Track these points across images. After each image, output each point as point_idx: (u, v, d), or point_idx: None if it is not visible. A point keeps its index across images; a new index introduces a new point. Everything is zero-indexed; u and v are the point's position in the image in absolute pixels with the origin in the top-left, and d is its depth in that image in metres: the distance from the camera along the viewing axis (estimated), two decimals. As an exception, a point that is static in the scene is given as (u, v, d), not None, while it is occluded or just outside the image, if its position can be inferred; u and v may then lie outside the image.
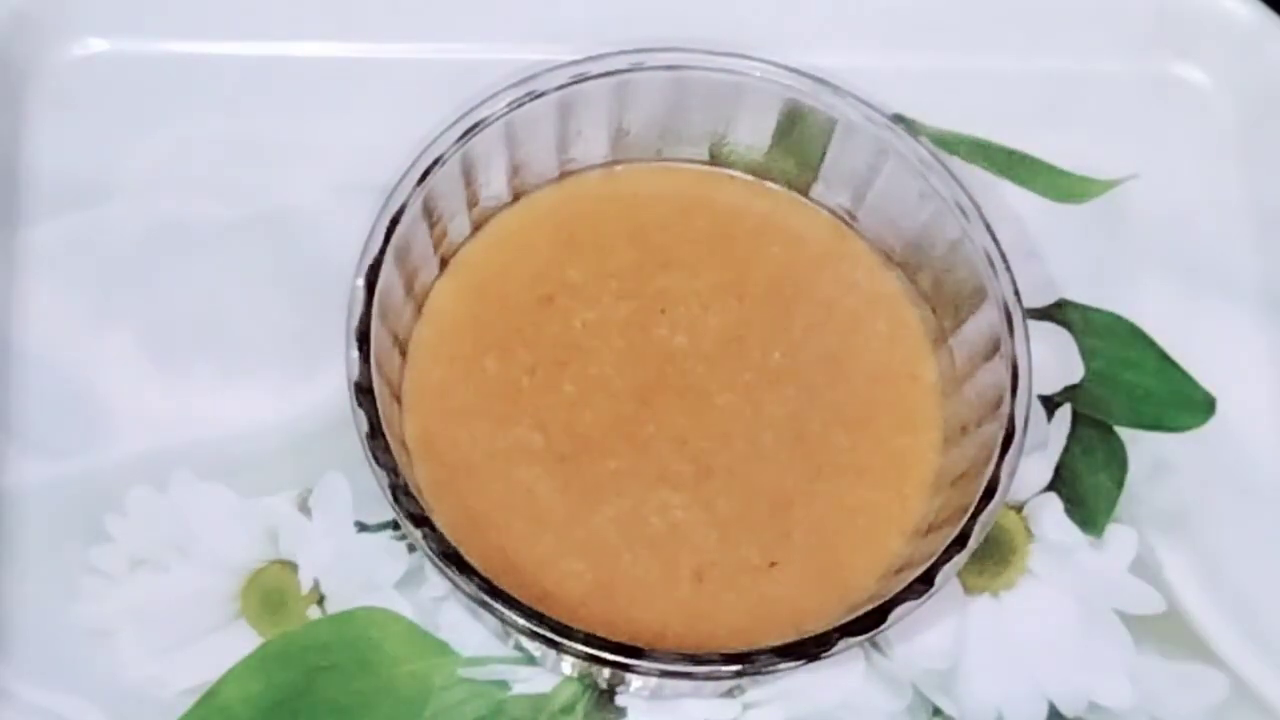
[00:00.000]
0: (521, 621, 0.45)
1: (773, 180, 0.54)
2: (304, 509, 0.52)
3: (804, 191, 0.54)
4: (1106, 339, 0.55)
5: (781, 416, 0.51)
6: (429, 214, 0.50)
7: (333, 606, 0.51)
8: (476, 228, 0.53)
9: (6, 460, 0.52)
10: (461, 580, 0.46)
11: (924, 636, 0.51)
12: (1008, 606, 0.52)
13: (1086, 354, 0.55)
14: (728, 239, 0.53)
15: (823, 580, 0.49)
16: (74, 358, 0.53)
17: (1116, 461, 0.54)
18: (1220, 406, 0.54)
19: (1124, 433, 0.54)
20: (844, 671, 0.51)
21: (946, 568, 0.47)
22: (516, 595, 0.46)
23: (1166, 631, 0.52)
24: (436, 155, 0.50)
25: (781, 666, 0.46)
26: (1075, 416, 0.54)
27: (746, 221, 0.54)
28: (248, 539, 0.52)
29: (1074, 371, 0.55)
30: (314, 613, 0.51)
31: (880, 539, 0.50)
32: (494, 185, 0.52)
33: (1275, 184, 0.57)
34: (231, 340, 0.54)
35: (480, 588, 0.46)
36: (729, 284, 0.52)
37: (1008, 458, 0.48)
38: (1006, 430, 0.48)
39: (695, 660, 0.46)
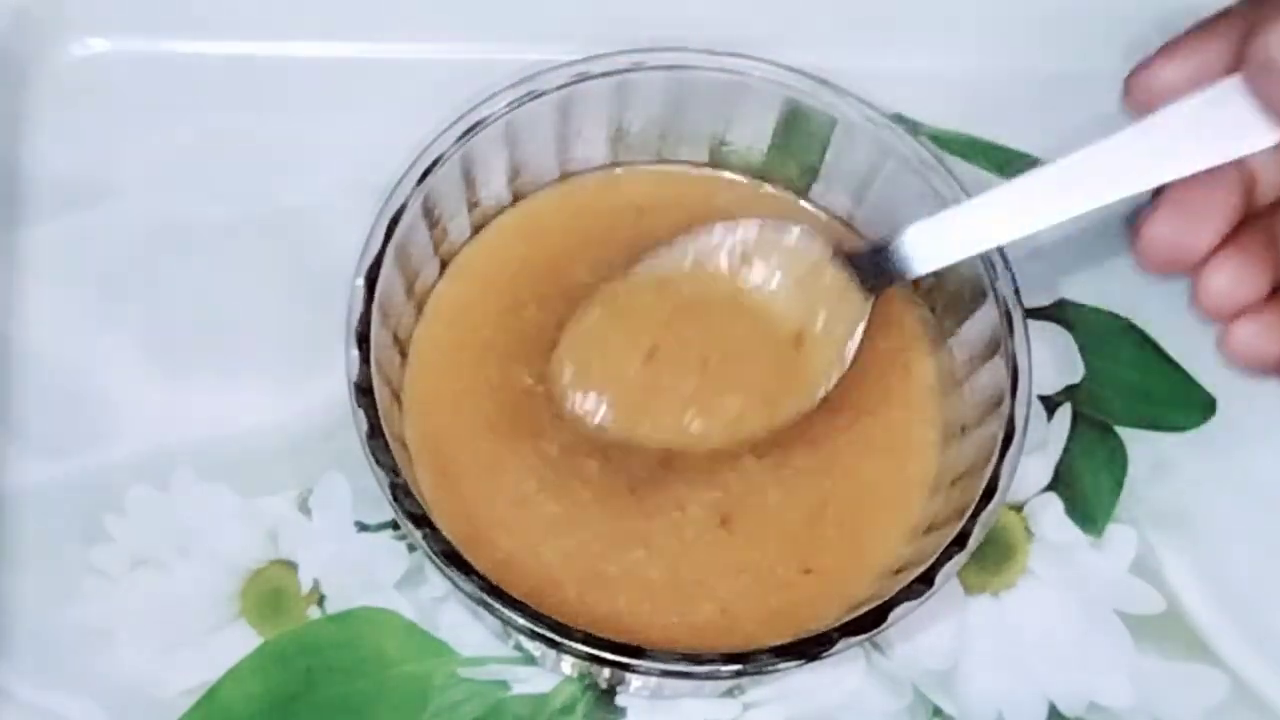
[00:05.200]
0: (521, 621, 0.45)
1: (773, 181, 0.54)
2: (304, 509, 0.52)
3: (804, 192, 0.54)
4: (1106, 339, 0.55)
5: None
6: (429, 214, 0.50)
7: (333, 606, 0.51)
8: (477, 229, 0.53)
9: (6, 460, 0.52)
10: (461, 580, 0.46)
11: (924, 636, 0.51)
12: (1008, 606, 0.52)
13: (1086, 354, 0.55)
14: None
15: (824, 582, 0.50)
16: (74, 358, 0.53)
17: (1116, 461, 0.54)
18: (1220, 406, 0.54)
19: (1124, 433, 0.54)
20: (844, 671, 0.51)
21: (946, 568, 0.47)
22: (516, 595, 0.46)
23: (1166, 631, 0.52)
24: (436, 155, 0.50)
25: (781, 666, 0.46)
26: (1075, 416, 0.54)
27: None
28: (248, 539, 0.52)
29: (1074, 371, 0.55)
30: (314, 613, 0.51)
31: (879, 539, 0.50)
32: (494, 185, 0.52)
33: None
34: (232, 340, 0.54)
35: (480, 587, 0.46)
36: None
37: (1008, 458, 0.48)
38: (1006, 430, 0.48)
39: (695, 660, 0.46)
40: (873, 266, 0.49)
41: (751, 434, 0.49)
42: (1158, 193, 0.47)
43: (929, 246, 0.48)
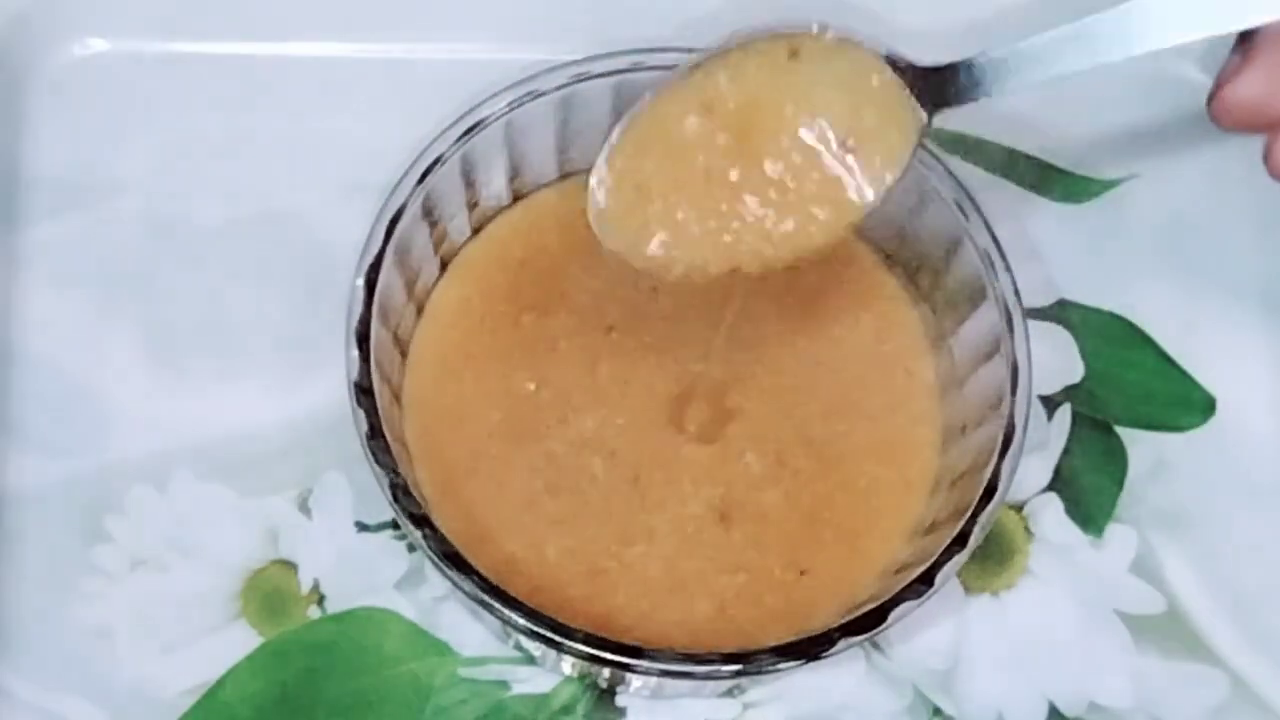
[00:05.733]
0: (521, 621, 0.45)
1: (772, 180, 0.54)
2: (304, 509, 0.52)
3: (804, 191, 0.54)
4: (1106, 339, 0.55)
5: (782, 416, 0.51)
6: (429, 214, 0.50)
7: (333, 606, 0.51)
8: (476, 229, 0.53)
9: (6, 460, 0.52)
10: (461, 580, 0.46)
11: (924, 636, 0.51)
12: (1008, 606, 0.52)
13: (1086, 354, 0.55)
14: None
15: (823, 582, 0.50)
16: (74, 358, 0.53)
17: (1116, 461, 0.54)
18: (1220, 406, 0.54)
19: (1124, 433, 0.54)
20: (844, 671, 0.51)
21: (946, 568, 0.47)
22: (516, 595, 0.46)
23: (1166, 631, 0.52)
24: (436, 155, 0.50)
25: (781, 666, 0.46)
26: (1075, 416, 0.54)
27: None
28: (248, 539, 0.52)
29: (1074, 371, 0.55)
30: (314, 613, 0.51)
31: (880, 539, 0.50)
32: (494, 185, 0.52)
33: (1275, 184, 0.57)
34: (231, 340, 0.54)
35: (480, 587, 0.46)
36: (728, 285, 0.52)
37: (1008, 458, 0.48)
38: (1006, 430, 0.48)
39: (695, 660, 0.46)
40: (936, 83, 0.47)
41: (811, 248, 0.47)
42: (1242, 41, 0.45)
43: (1006, 70, 0.46)
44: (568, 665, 0.50)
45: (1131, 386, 0.55)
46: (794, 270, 0.52)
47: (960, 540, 0.47)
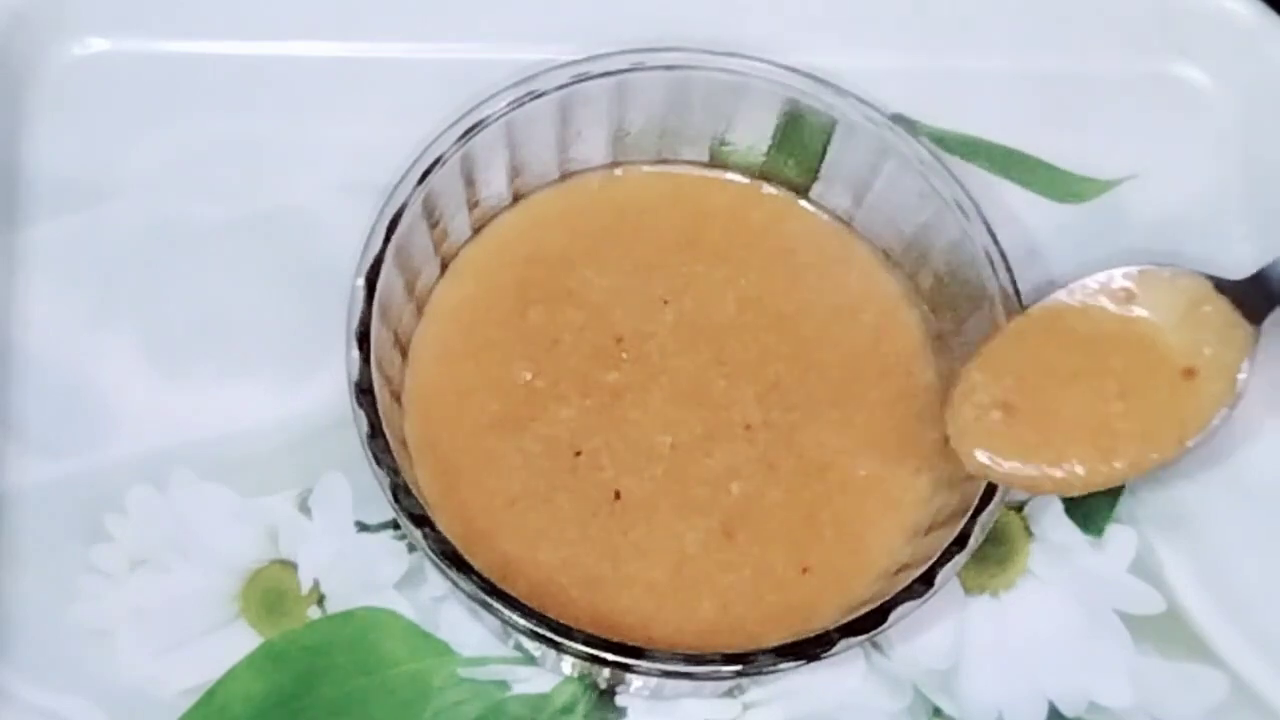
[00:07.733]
0: (521, 621, 0.45)
1: (772, 181, 0.54)
2: (304, 509, 0.52)
3: (804, 192, 0.54)
4: (1106, 339, 0.55)
5: (783, 417, 0.51)
6: (429, 214, 0.50)
7: (333, 606, 0.51)
8: (477, 229, 0.53)
9: (6, 460, 0.52)
10: (461, 580, 0.46)
11: (924, 636, 0.51)
12: (1008, 606, 0.52)
13: (1087, 354, 0.55)
14: (727, 240, 0.53)
15: (824, 581, 0.50)
16: (74, 358, 0.53)
17: (1117, 461, 0.54)
18: (1220, 406, 0.54)
19: (1124, 433, 0.54)
20: (844, 671, 0.51)
21: (946, 568, 0.47)
22: (516, 595, 0.46)
23: (1166, 631, 0.52)
24: (436, 155, 0.50)
25: (781, 666, 0.46)
26: (1076, 416, 0.54)
27: (746, 223, 0.54)
28: (248, 539, 0.52)
29: (1074, 371, 0.55)
30: (314, 613, 0.51)
31: (879, 539, 0.50)
32: (494, 185, 0.52)
33: (1275, 184, 0.57)
34: (231, 340, 0.54)
35: (480, 587, 0.46)
36: (728, 285, 0.53)
37: (1008, 458, 0.48)
38: (1007, 430, 0.48)
39: (695, 660, 0.46)
40: (1254, 294, 0.50)
41: (1147, 466, 0.49)
42: None
43: None
44: (568, 665, 0.50)
45: (1131, 387, 0.55)
46: (794, 273, 0.53)
47: (960, 540, 0.47)
